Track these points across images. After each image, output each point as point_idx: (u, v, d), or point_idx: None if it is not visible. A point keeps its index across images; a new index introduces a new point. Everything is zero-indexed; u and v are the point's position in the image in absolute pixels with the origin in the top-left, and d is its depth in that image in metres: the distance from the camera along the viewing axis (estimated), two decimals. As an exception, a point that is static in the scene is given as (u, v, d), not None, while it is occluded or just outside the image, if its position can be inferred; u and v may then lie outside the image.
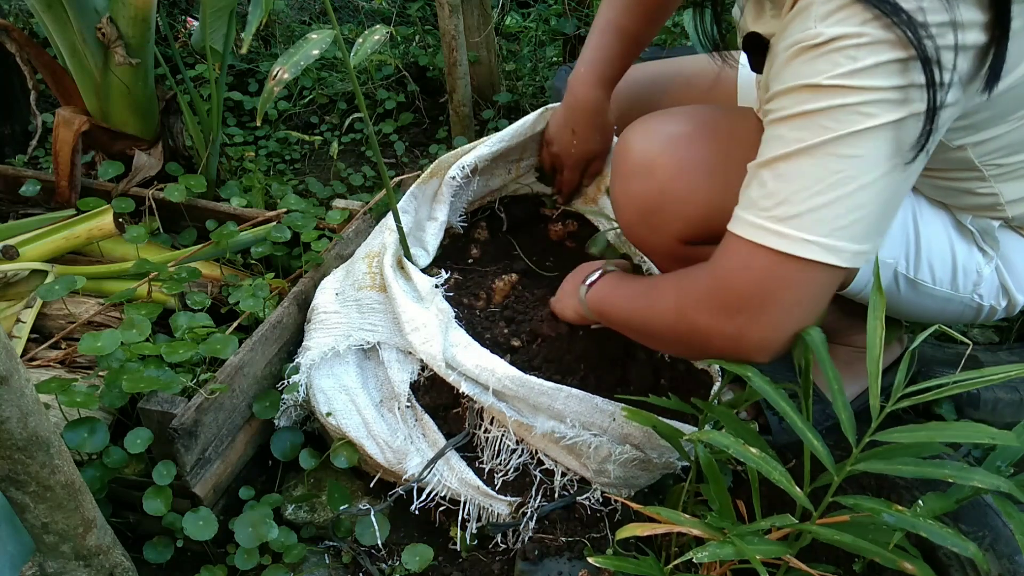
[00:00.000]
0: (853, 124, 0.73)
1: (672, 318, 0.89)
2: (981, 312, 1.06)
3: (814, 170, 0.75)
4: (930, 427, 0.74)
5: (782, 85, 0.76)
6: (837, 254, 0.77)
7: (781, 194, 0.77)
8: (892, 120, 0.73)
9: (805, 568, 0.80)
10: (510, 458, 1.13)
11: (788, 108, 0.76)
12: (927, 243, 1.00)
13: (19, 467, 0.82)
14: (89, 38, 1.48)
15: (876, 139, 0.73)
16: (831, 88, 0.72)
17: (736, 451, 0.79)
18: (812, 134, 0.74)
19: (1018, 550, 0.95)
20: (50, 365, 1.24)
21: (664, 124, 0.99)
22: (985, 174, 0.93)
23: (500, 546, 1.15)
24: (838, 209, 0.75)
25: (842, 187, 0.75)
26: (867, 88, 0.72)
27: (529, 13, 2.62)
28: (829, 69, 0.72)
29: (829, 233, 0.76)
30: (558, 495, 1.13)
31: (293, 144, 2.23)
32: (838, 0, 0.71)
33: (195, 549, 1.15)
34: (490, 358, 1.10)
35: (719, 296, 0.83)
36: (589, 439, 1.06)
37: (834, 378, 0.80)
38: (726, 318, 0.83)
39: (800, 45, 0.74)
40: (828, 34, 0.71)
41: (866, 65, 0.71)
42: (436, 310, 1.17)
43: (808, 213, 0.76)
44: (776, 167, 0.78)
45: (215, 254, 1.43)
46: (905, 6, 0.69)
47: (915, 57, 0.70)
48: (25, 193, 1.53)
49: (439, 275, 1.28)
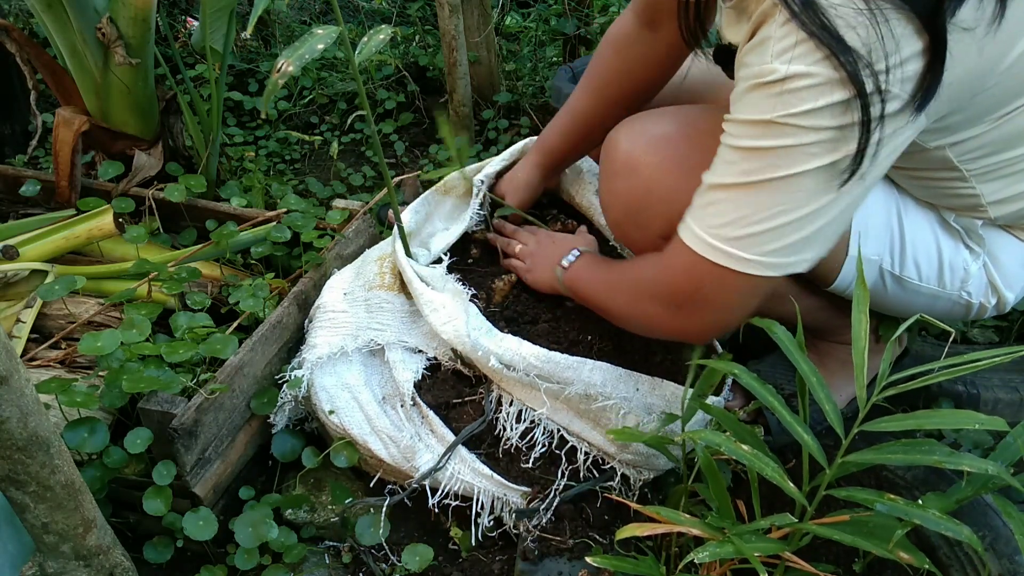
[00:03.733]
0: (799, 164, 0.79)
1: (627, 303, 1.03)
2: (971, 309, 1.08)
3: (759, 202, 0.82)
4: (917, 415, 0.75)
5: (740, 115, 0.82)
6: (772, 268, 0.86)
7: (727, 216, 0.84)
8: (834, 160, 0.78)
9: (805, 566, 0.80)
10: (531, 438, 1.14)
11: (743, 139, 0.82)
12: (912, 240, 1.03)
13: (19, 467, 0.82)
14: (89, 38, 1.48)
15: (817, 176, 0.79)
16: (783, 126, 0.77)
17: (728, 449, 0.79)
18: (761, 169, 0.81)
19: (1018, 550, 0.95)
20: (50, 365, 1.24)
21: (649, 124, 1.03)
22: (965, 174, 0.95)
23: (499, 543, 1.15)
24: (777, 234, 0.83)
25: (783, 217, 0.82)
26: (815, 128, 0.77)
27: (529, 13, 2.62)
28: (782, 108, 0.77)
29: (767, 253, 0.84)
30: (582, 477, 1.13)
31: (293, 144, 2.23)
32: (792, 37, 0.75)
33: (195, 549, 1.15)
34: (513, 340, 1.13)
35: (664, 291, 0.95)
36: (620, 403, 1.09)
37: (811, 372, 0.83)
38: (670, 310, 0.95)
39: (757, 80, 0.78)
40: (782, 72, 0.76)
41: (816, 107, 0.75)
42: (451, 292, 1.20)
43: (749, 237, 0.84)
44: (727, 191, 0.84)
45: (215, 254, 1.43)
46: (853, 44, 0.73)
47: (855, 96, 0.74)
48: (25, 193, 1.53)
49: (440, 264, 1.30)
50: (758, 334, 0.91)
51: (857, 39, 0.73)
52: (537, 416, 1.13)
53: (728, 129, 0.84)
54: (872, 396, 0.76)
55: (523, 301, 1.29)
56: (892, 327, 1.23)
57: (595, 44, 2.25)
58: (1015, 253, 1.05)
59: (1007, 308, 1.08)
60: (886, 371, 0.77)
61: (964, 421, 0.73)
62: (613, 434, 1.01)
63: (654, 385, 1.13)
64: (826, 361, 1.26)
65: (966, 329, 1.45)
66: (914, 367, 0.76)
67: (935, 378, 0.75)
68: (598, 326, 1.22)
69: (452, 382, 1.21)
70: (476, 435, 1.15)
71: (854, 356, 0.79)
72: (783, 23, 0.75)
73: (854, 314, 0.81)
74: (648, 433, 1.04)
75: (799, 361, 0.83)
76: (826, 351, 1.27)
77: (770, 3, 0.76)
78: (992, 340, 1.45)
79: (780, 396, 0.85)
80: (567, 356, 1.11)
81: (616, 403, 1.09)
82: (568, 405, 1.13)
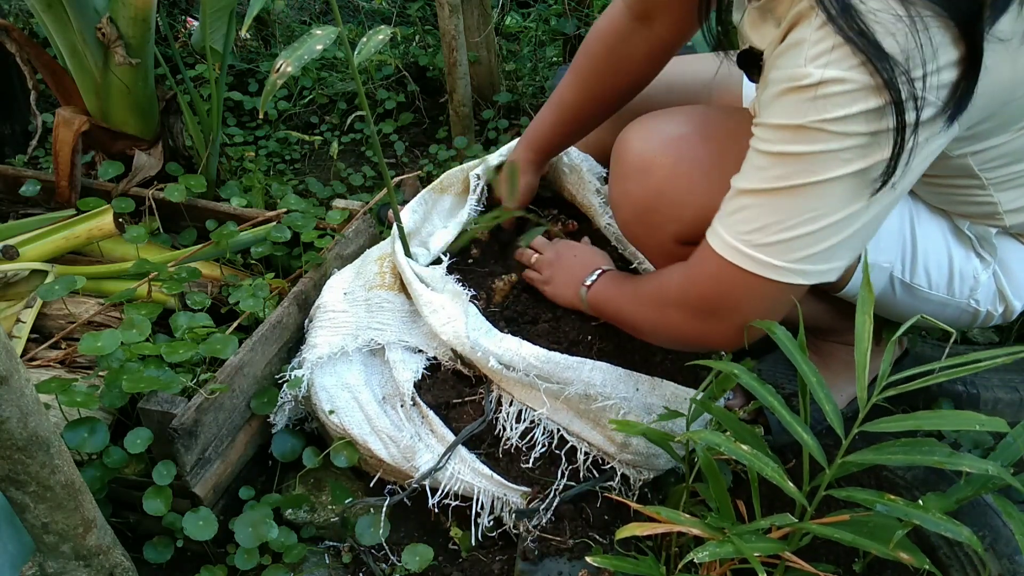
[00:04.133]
0: (831, 170, 0.77)
1: (653, 315, 1.01)
2: (978, 317, 1.07)
3: (790, 207, 0.80)
4: (918, 416, 0.75)
5: (771, 119, 0.80)
6: (803, 276, 0.84)
7: (757, 222, 0.82)
8: (867, 166, 0.77)
9: (804, 566, 0.80)
10: (531, 438, 1.13)
11: (774, 144, 0.80)
12: (923, 248, 1.01)
13: (19, 467, 0.82)
14: (89, 38, 1.48)
15: (850, 182, 0.78)
16: (815, 131, 0.76)
17: (728, 448, 0.79)
18: (793, 174, 0.79)
19: (1018, 550, 0.95)
20: (50, 365, 1.24)
21: (662, 125, 1.00)
22: (984, 182, 0.94)
23: (499, 543, 1.15)
24: (808, 240, 0.81)
25: (813, 224, 0.80)
26: (848, 134, 0.75)
27: (529, 13, 2.62)
28: (815, 114, 0.75)
29: (797, 260, 0.83)
30: (582, 477, 1.13)
31: (293, 144, 2.23)
32: (828, 41, 0.73)
33: (195, 549, 1.15)
34: (513, 340, 1.13)
35: (691, 299, 0.93)
36: (620, 403, 1.09)
37: (811, 372, 0.82)
38: (697, 319, 0.93)
39: (790, 84, 0.76)
40: (817, 76, 0.74)
41: (850, 113, 0.74)
42: (451, 293, 1.20)
43: (780, 243, 0.82)
44: (757, 196, 0.82)
45: (215, 254, 1.43)
46: (891, 51, 0.71)
47: (891, 102, 0.73)
48: (25, 193, 1.53)
49: (440, 265, 1.30)
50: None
51: (895, 46, 0.71)
52: (537, 416, 1.13)
53: (758, 133, 0.82)
54: (872, 396, 0.76)
55: (523, 301, 1.29)
56: (895, 329, 1.23)
57: (595, 44, 2.24)
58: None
59: (1013, 316, 1.07)
60: (886, 371, 0.77)
61: (964, 422, 0.73)
62: (616, 424, 1.00)
63: (654, 385, 1.13)
64: (829, 362, 1.26)
65: (966, 329, 1.45)
66: (914, 368, 0.76)
67: (935, 378, 0.75)
68: (598, 326, 1.22)
69: (452, 382, 1.21)
70: (476, 435, 1.15)
71: (856, 357, 0.79)
72: (819, 26, 0.73)
73: (858, 316, 0.80)
74: (651, 426, 1.04)
75: (799, 362, 0.83)
76: (829, 352, 1.27)
77: (807, 5, 0.74)
78: (992, 340, 1.45)
79: (780, 396, 0.85)
80: (567, 356, 1.11)
81: (616, 403, 1.09)
82: (568, 405, 1.13)
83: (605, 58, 1.19)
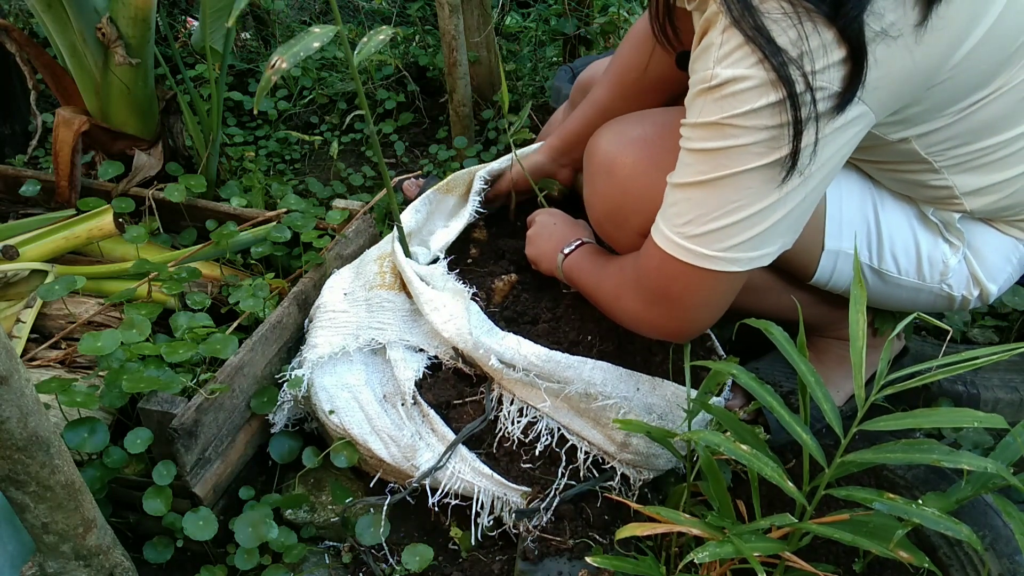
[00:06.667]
0: (745, 163, 0.83)
1: (611, 296, 1.08)
2: (954, 301, 1.10)
3: (713, 199, 0.86)
4: (916, 414, 0.75)
5: (692, 118, 0.86)
6: (735, 263, 0.89)
7: (688, 215, 0.88)
8: (775, 158, 0.82)
9: (804, 565, 0.80)
10: (532, 434, 1.14)
11: (695, 141, 0.86)
12: (889, 234, 1.05)
13: (19, 467, 0.82)
14: (89, 38, 1.48)
15: (761, 174, 0.83)
16: (727, 127, 0.82)
17: (727, 448, 0.79)
18: (711, 169, 0.85)
19: (1018, 550, 0.95)
20: (50, 365, 1.24)
21: (626, 127, 1.07)
22: (935, 165, 0.97)
23: (499, 543, 1.15)
24: (734, 230, 0.87)
25: (736, 214, 0.86)
26: (756, 128, 0.80)
27: (529, 13, 2.62)
28: (725, 111, 0.81)
29: (726, 249, 0.88)
30: (582, 476, 1.14)
31: (293, 144, 2.23)
32: (733, 42, 0.78)
33: (195, 549, 1.15)
34: (513, 339, 1.13)
35: (640, 288, 0.99)
36: (620, 402, 1.10)
37: (809, 372, 0.84)
38: (647, 307, 0.99)
39: (703, 85, 0.82)
40: (723, 76, 0.80)
41: (754, 108, 0.79)
42: (452, 291, 1.20)
43: (709, 233, 0.87)
44: (685, 191, 0.88)
45: (215, 254, 1.43)
46: (783, 45, 0.76)
47: (787, 96, 0.77)
48: (25, 193, 1.53)
49: (440, 263, 1.30)
50: (757, 331, 0.91)
51: (787, 40, 0.76)
52: (538, 415, 1.14)
53: (684, 132, 0.88)
54: (871, 395, 0.76)
55: (523, 301, 1.30)
56: (888, 321, 1.24)
57: (595, 44, 2.25)
58: (997, 246, 1.06)
59: (991, 300, 1.10)
60: (884, 370, 0.77)
61: (963, 419, 0.73)
62: (618, 423, 1.01)
63: (654, 385, 1.13)
64: (823, 358, 1.27)
65: (966, 329, 1.45)
66: (913, 366, 0.76)
67: (934, 377, 0.75)
68: (598, 326, 1.22)
69: (453, 381, 1.21)
70: (476, 434, 1.15)
71: (852, 356, 0.79)
72: (723, 29, 0.79)
73: (851, 313, 0.81)
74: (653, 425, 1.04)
75: (798, 362, 0.83)
76: (823, 347, 1.27)
77: (714, 9, 0.79)
78: (992, 340, 1.45)
79: (779, 395, 0.85)
80: (568, 355, 1.11)
81: (616, 402, 1.09)
82: (568, 404, 1.13)
83: (632, 59, 1.23)
